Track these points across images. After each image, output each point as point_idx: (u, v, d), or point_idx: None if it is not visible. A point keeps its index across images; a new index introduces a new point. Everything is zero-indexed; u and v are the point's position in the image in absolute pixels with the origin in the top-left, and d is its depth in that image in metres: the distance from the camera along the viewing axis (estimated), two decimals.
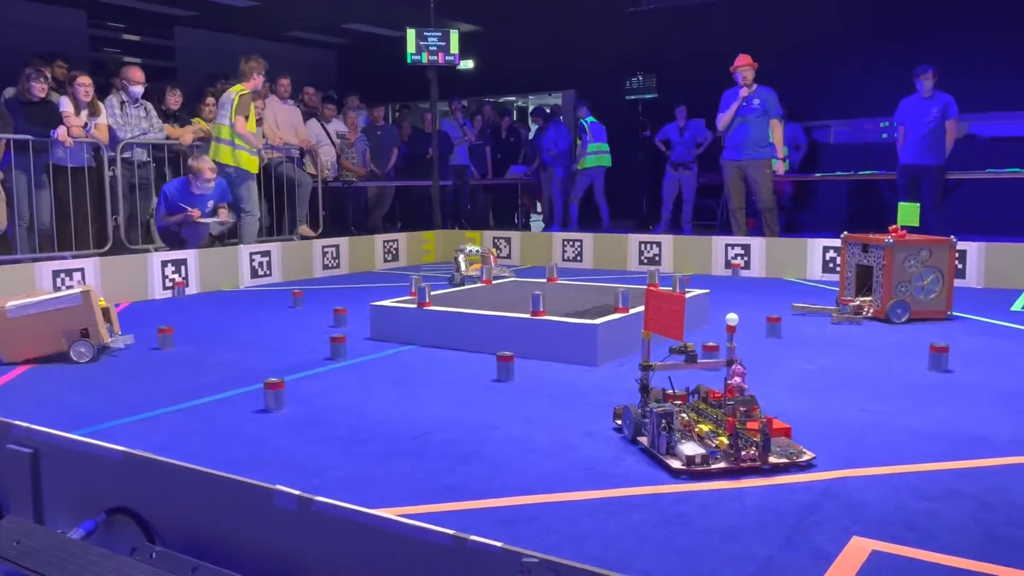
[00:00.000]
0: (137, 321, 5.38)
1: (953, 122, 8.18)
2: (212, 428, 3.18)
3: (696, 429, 2.78)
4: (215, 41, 13.60)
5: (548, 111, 12.22)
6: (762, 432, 2.63)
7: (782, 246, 7.93)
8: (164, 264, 6.70)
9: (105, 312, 4.50)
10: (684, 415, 2.84)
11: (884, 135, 11.76)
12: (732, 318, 2.89)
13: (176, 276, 6.74)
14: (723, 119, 8.55)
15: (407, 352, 4.51)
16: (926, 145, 8.19)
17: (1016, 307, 5.89)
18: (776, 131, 8.58)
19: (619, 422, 3.04)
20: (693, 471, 2.58)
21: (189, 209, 6.98)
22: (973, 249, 6.91)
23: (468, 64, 14.20)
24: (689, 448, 2.64)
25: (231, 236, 7.91)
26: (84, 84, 7.16)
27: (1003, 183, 9.11)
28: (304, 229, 8.87)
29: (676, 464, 2.61)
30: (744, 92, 8.38)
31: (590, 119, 11.49)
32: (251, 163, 7.66)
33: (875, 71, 10.77)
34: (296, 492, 1.48)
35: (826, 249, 7.60)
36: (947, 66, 8.54)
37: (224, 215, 7.25)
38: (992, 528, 2.20)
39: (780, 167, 8.70)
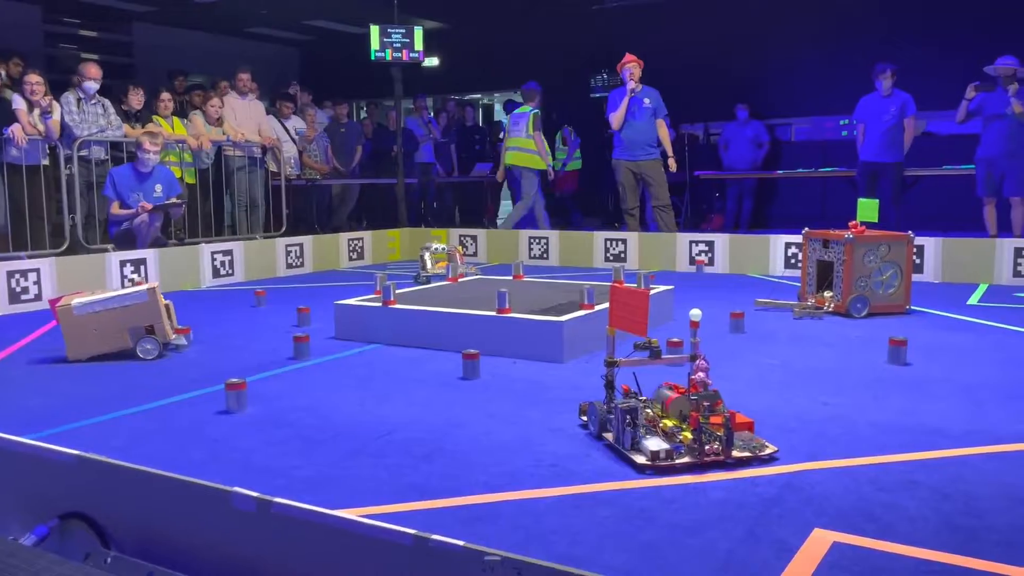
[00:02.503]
0: None
1: (911, 120, 8.33)
2: (172, 430, 3.12)
3: (661, 424, 2.79)
4: (175, 37, 13.40)
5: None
6: (725, 427, 2.65)
7: (745, 243, 8.01)
8: (123, 264, 6.58)
9: (167, 309, 4.47)
10: (649, 410, 2.85)
11: (844, 132, 11.94)
12: (695, 314, 2.91)
13: (135, 276, 6.62)
14: (616, 117, 8.65)
15: (372, 351, 4.48)
16: (885, 142, 8.33)
17: (972, 301, 6.01)
18: (662, 130, 8.74)
19: (585, 419, 3.05)
20: (657, 466, 2.59)
21: (140, 203, 6.88)
22: (931, 244, 7.04)
23: (433, 61, 14.15)
24: (653, 443, 2.65)
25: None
26: (31, 82, 7.01)
27: (959, 179, 9.29)
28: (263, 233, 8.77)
29: (640, 459, 2.62)
30: (633, 86, 8.51)
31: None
32: (540, 164, 9.46)
33: (835, 69, 10.92)
34: (254, 494, 1.45)
35: (788, 245, 7.69)
36: (905, 65, 8.70)
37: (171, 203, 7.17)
38: (950, 518, 2.24)
39: (673, 164, 8.87)
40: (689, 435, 2.69)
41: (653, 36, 12.06)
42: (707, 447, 2.63)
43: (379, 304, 4.68)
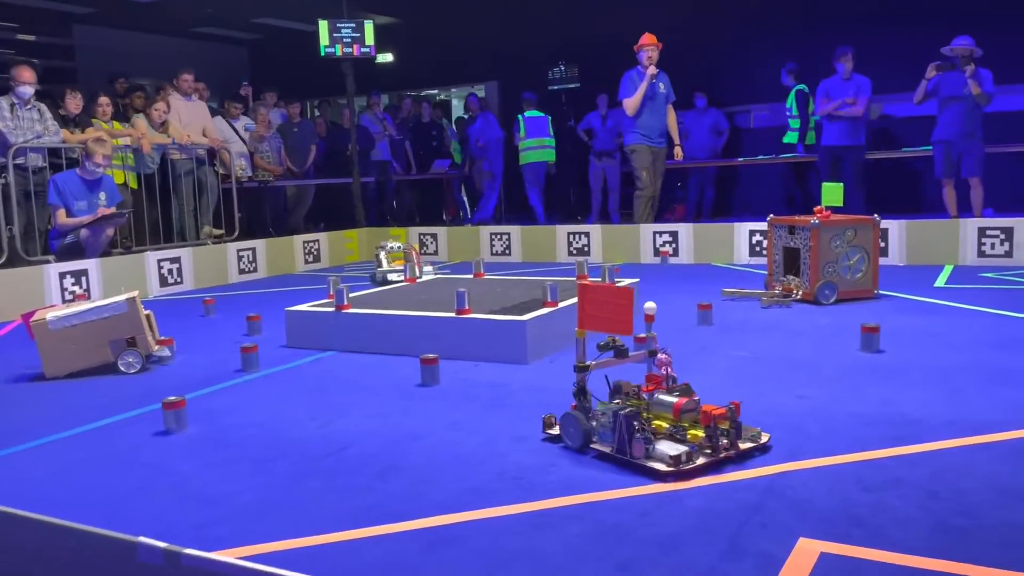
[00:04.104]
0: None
1: (867, 102, 8.28)
2: (104, 455, 2.88)
3: (654, 425, 2.61)
4: (117, 39, 12.95)
5: (479, 101, 11.91)
6: (731, 418, 2.54)
7: (709, 232, 7.90)
8: (63, 276, 6.26)
9: (148, 320, 4.22)
10: (643, 413, 2.67)
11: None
12: (650, 307, 2.74)
13: (77, 288, 6.30)
14: (633, 103, 8.21)
15: (325, 359, 4.25)
16: (846, 126, 8.28)
17: (939, 283, 5.94)
18: (671, 116, 8.42)
19: (552, 432, 2.82)
20: (681, 471, 2.42)
21: (100, 210, 6.58)
22: (895, 227, 6.98)
23: (387, 57, 13.86)
24: (669, 447, 2.47)
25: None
26: None
27: (916, 161, 9.29)
28: (208, 230, 8.46)
29: (659, 466, 2.43)
30: (652, 71, 8.11)
31: (529, 113, 10.98)
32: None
33: (792, 55, 10.86)
34: (162, 545, 1.24)
35: (752, 233, 7.59)
36: (861, 48, 8.64)
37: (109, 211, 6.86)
38: (941, 519, 2.09)
39: (678, 152, 8.55)
40: (700, 433, 2.54)
41: (609, 26, 11.92)
42: (721, 443, 2.53)
43: (332, 309, 4.45)
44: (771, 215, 5.70)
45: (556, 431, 2.80)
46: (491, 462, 2.63)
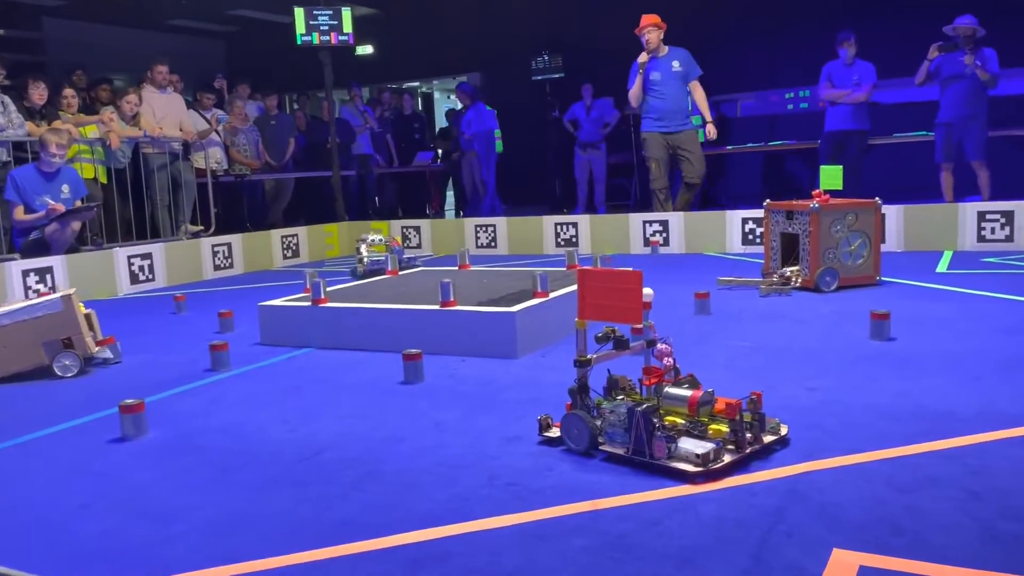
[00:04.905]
0: None
1: (870, 87, 8.09)
2: (53, 465, 2.60)
3: (666, 421, 2.37)
4: (89, 33, 12.56)
5: (473, 90, 11.59)
6: (755, 409, 2.35)
7: (701, 220, 7.67)
8: (26, 274, 5.95)
9: (87, 319, 3.91)
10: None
11: (790, 106, 11.75)
12: (647, 293, 2.49)
13: (41, 287, 5.99)
14: (632, 95, 7.78)
15: (301, 357, 3.98)
16: (852, 111, 8.11)
17: (941, 268, 5.75)
18: (697, 93, 7.78)
19: (551, 435, 2.55)
20: (710, 470, 2.19)
21: (50, 204, 6.25)
22: (892, 212, 6.77)
23: (367, 49, 13.55)
24: (696, 446, 2.24)
25: None
26: None
27: (909, 147, 9.10)
28: (189, 227, 8.16)
29: (685, 467, 2.20)
30: (643, 58, 7.65)
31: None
32: None
33: (780, 44, 10.66)
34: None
35: (745, 221, 7.37)
36: (851, 34, 8.43)
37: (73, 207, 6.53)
38: (988, 524, 1.86)
39: (711, 131, 7.79)
40: (723, 428, 2.31)
41: (593, 15, 11.68)
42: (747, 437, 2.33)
43: (308, 304, 4.18)
44: (768, 200, 5.47)
45: (554, 433, 2.55)
46: (481, 466, 2.38)
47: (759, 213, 7.26)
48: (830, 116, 8.31)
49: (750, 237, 7.32)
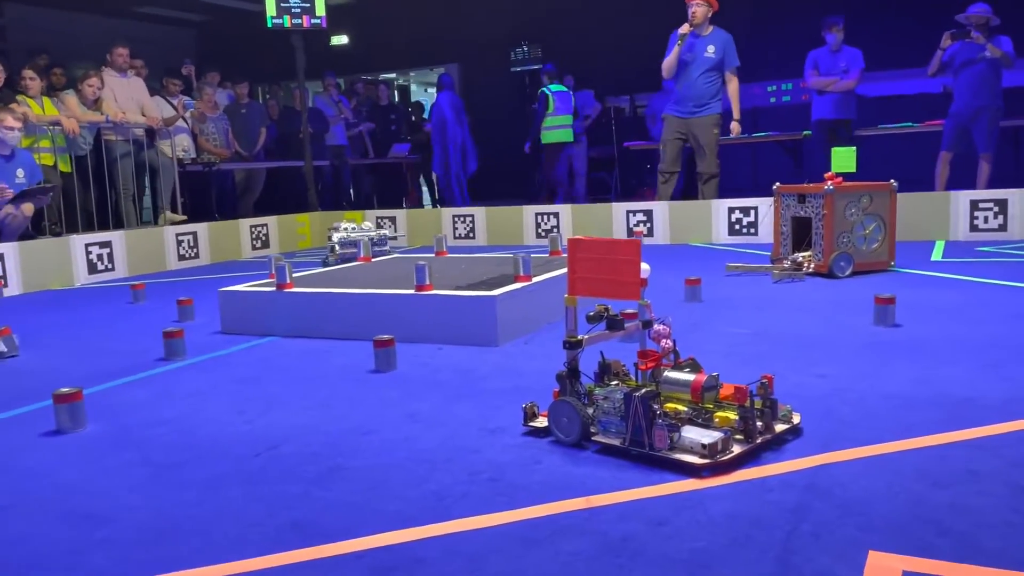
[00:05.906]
0: None
1: (859, 74, 7.89)
2: None
3: (666, 409, 2.12)
4: (55, 20, 12.12)
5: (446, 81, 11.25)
6: (765, 395, 2.11)
7: (685, 210, 7.43)
8: None
9: None
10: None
11: (772, 99, 11.61)
12: (644, 268, 2.23)
13: None
14: (666, 64, 7.29)
15: (264, 345, 3.69)
16: (838, 99, 7.92)
17: (936, 257, 5.55)
18: (731, 85, 7.30)
19: (535, 424, 2.30)
20: (718, 462, 1.94)
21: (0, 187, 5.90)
22: None
23: (341, 40, 13.22)
24: (702, 435, 1.99)
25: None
26: None
27: (895, 139, 8.93)
28: (168, 216, 7.81)
29: (691, 459, 1.95)
30: (683, 29, 7.13)
31: (554, 87, 9.76)
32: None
33: (762, 36, 10.47)
34: None
35: (731, 211, 7.15)
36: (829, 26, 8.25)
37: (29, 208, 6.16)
38: None
39: (735, 128, 7.42)
40: (731, 416, 2.06)
41: (574, 6, 11.44)
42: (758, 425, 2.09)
43: (272, 289, 3.89)
44: (777, 183, 5.24)
45: (541, 423, 2.28)
46: (460, 460, 2.11)
47: (745, 202, 7.05)
48: (817, 105, 8.12)
49: (736, 227, 7.10)
